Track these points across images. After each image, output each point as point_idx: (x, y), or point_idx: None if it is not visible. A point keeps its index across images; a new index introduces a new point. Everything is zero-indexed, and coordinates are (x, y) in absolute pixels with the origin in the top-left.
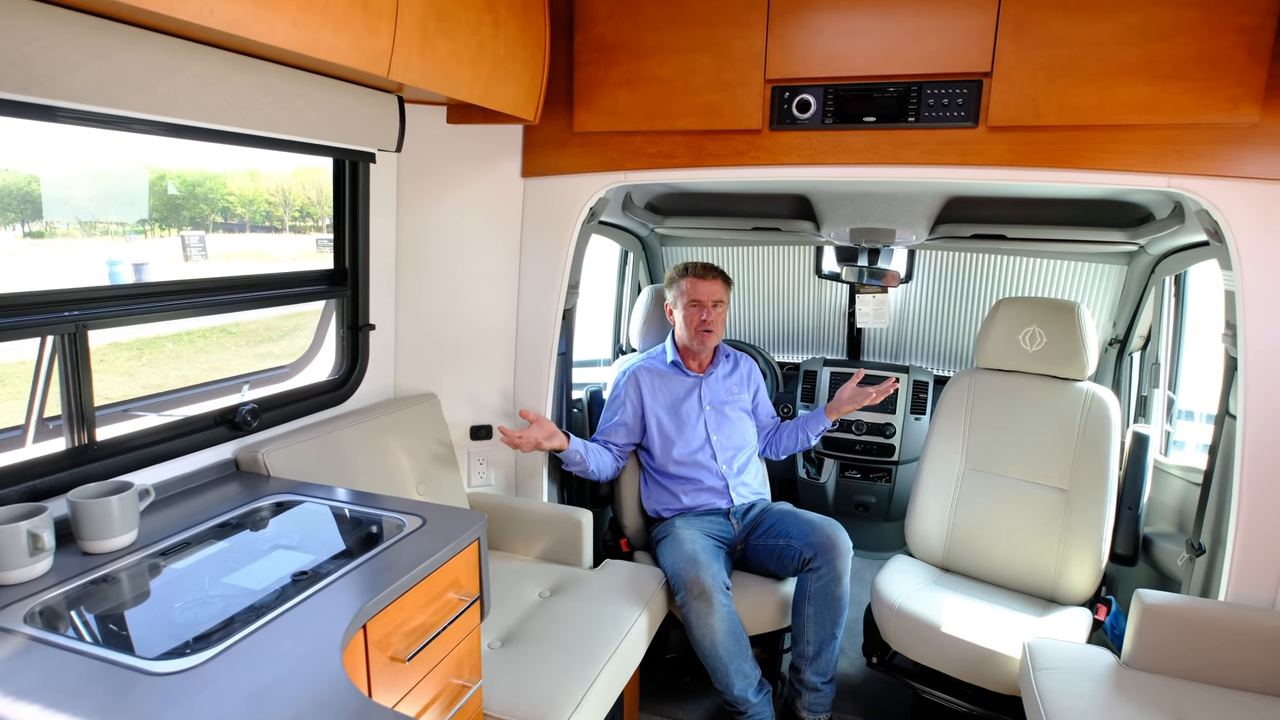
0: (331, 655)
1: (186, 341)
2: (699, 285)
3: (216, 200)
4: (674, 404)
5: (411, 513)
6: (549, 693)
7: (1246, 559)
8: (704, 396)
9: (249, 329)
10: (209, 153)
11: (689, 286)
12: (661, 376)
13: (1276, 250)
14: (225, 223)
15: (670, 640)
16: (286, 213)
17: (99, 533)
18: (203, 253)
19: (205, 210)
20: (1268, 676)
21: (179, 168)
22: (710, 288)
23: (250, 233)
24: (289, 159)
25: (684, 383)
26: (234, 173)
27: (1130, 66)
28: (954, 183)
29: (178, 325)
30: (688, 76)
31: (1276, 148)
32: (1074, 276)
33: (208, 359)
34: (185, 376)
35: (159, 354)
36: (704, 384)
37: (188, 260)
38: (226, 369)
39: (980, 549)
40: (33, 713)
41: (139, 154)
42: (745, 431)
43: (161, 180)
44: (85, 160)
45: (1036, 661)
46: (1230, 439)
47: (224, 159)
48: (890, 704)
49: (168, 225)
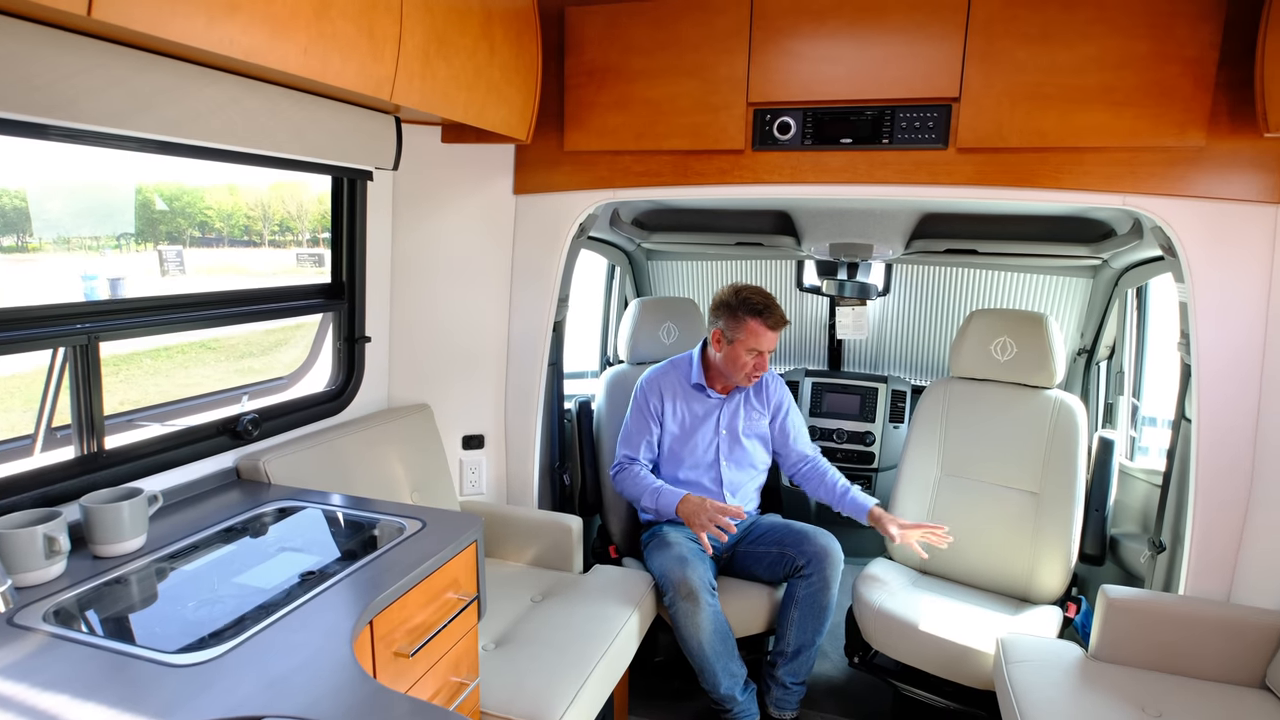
0: (343, 647)
1: (165, 357)
2: (766, 336)
3: (194, 214)
4: (690, 424)
5: (411, 516)
6: (543, 691)
7: (1203, 555)
8: (722, 420)
9: (229, 344)
10: (186, 167)
11: (757, 333)
12: (684, 393)
13: (1223, 264)
14: (203, 237)
15: (659, 644)
16: (266, 227)
17: (110, 537)
18: (180, 267)
19: (183, 225)
20: (1223, 665)
21: (155, 181)
22: (774, 339)
23: (229, 247)
24: (268, 173)
25: (705, 404)
26: (212, 187)
27: (1088, 93)
28: (927, 200)
29: (156, 341)
30: (674, 99)
31: (1221, 169)
32: (1044, 290)
33: (187, 375)
34: (165, 392)
35: (136, 370)
36: (724, 407)
37: (165, 275)
38: (206, 385)
39: (956, 552)
40: (61, 702)
41: (114, 167)
42: (756, 458)
43: (140, 194)
44: (59, 174)
45: (1009, 656)
46: (1186, 442)
47: (202, 173)
48: (871, 703)
49: (144, 239)
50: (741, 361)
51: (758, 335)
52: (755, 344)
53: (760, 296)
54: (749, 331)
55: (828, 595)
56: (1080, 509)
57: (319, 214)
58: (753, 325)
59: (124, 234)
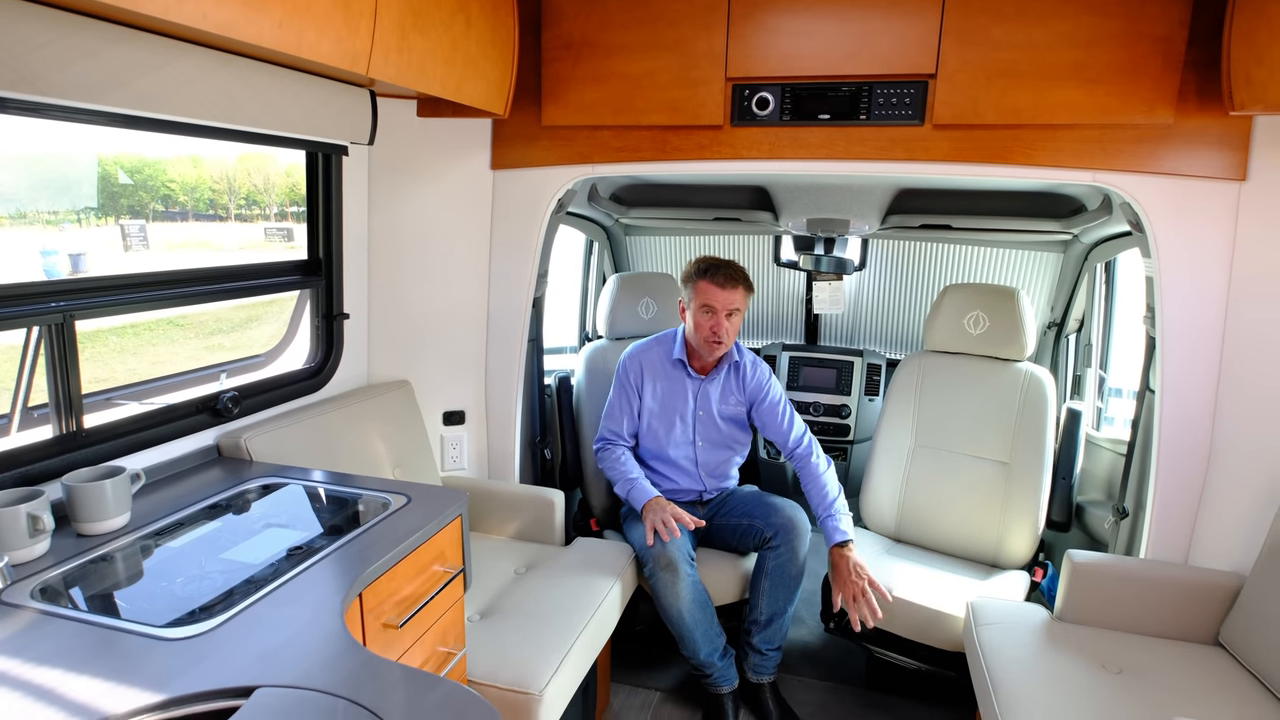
0: (333, 620)
1: (131, 334)
2: (716, 293)
3: (156, 188)
4: (668, 403)
5: (396, 492)
6: (528, 660)
7: (1163, 520)
8: (699, 401)
9: (198, 321)
10: (147, 138)
11: (705, 291)
12: (664, 371)
13: (1188, 239)
14: (166, 211)
15: (639, 613)
16: (232, 201)
17: (94, 515)
18: (144, 242)
19: (145, 198)
20: (1180, 623)
21: (115, 153)
22: (728, 297)
23: (193, 221)
24: (233, 145)
25: (683, 383)
26: (174, 159)
27: (1061, 70)
28: (903, 176)
29: (122, 318)
30: (653, 74)
31: (1188, 147)
32: (1016, 265)
33: (156, 352)
34: (135, 371)
35: (102, 348)
36: (703, 387)
37: (128, 250)
38: (176, 363)
39: (929, 520)
40: (55, 676)
41: (72, 137)
42: (732, 439)
43: (100, 166)
44: (12, 144)
45: (978, 618)
46: (1150, 412)
47: (164, 144)
48: (846, 667)
49: (105, 214)
50: (698, 324)
51: (706, 293)
52: (705, 300)
53: (714, 260)
54: (698, 291)
55: (795, 565)
56: (1048, 478)
57: (287, 187)
58: (701, 284)
59: (85, 208)
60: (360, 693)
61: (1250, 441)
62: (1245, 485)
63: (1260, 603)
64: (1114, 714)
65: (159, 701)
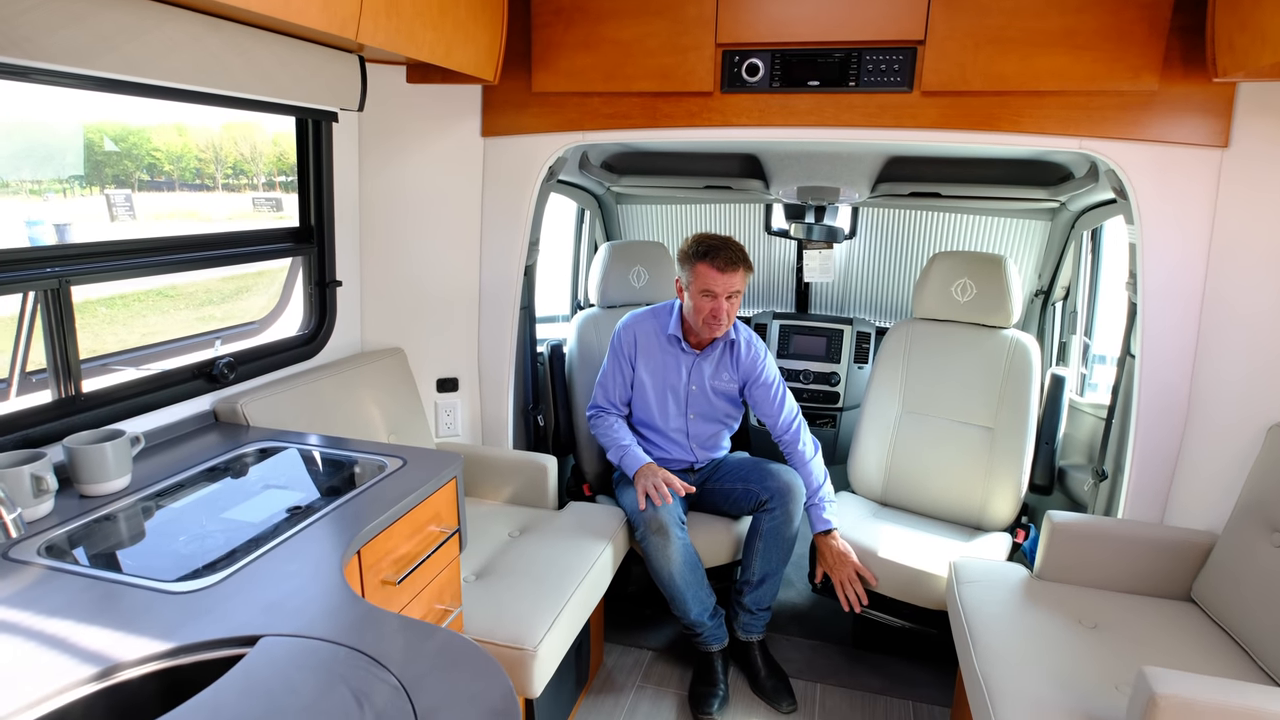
0: (334, 574)
1: (121, 305)
2: (716, 278)
3: (141, 156)
4: (662, 376)
5: (392, 455)
6: (523, 617)
7: (1140, 481)
8: (693, 375)
9: (188, 291)
10: (131, 105)
11: (705, 275)
12: (658, 344)
13: (1170, 205)
14: (152, 180)
15: (632, 576)
16: (219, 170)
17: (96, 476)
18: (130, 212)
19: (130, 167)
20: (1155, 580)
21: (98, 120)
22: (728, 281)
23: (180, 191)
24: (219, 113)
25: (678, 357)
26: (158, 127)
27: (1048, 36)
28: (892, 144)
29: (111, 289)
30: (643, 40)
31: (1172, 113)
32: (1005, 233)
33: (146, 323)
34: (125, 341)
35: (91, 318)
36: (697, 363)
37: (114, 221)
38: (168, 334)
39: (915, 484)
40: (65, 627)
41: (54, 104)
42: (724, 414)
43: (86, 135)
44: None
45: (960, 577)
46: (1130, 377)
47: (148, 112)
48: (833, 626)
49: (89, 183)
50: (698, 306)
51: (706, 277)
52: (705, 285)
53: (713, 240)
54: (698, 274)
55: (790, 528)
56: (1031, 442)
57: (274, 156)
58: (700, 268)
59: (71, 177)
60: (361, 640)
61: (1225, 405)
62: (1220, 447)
63: (1231, 560)
64: (1088, 666)
65: (167, 649)
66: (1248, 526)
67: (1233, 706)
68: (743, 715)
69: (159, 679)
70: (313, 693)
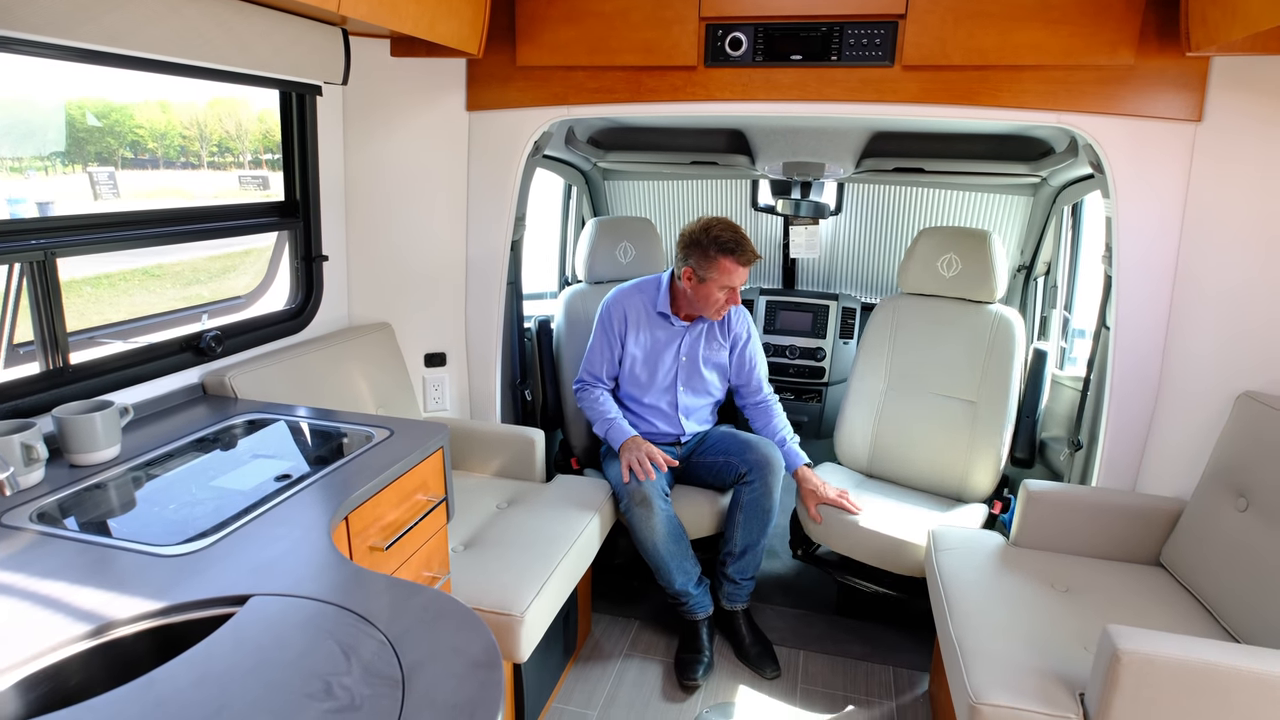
0: (322, 538)
1: (106, 285)
2: (740, 273)
3: (124, 134)
4: (652, 350)
5: (379, 426)
6: (510, 585)
7: (1114, 450)
8: (683, 348)
9: (174, 271)
10: (113, 82)
11: (730, 271)
12: (648, 319)
13: (1145, 179)
14: (136, 158)
15: (618, 548)
16: (204, 147)
17: (86, 446)
18: (114, 190)
19: (113, 144)
20: (1126, 546)
21: (79, 96)
22: (746, 274)
23: (164, 169)
24: (203, 90)
25: (668, 331)
26: (142, 104)
27: (1027, 11)
28: (875, 118)
29: (96, 268)
30: (626, 13)
31: (1147, 88)
32: (988, 208)
33: (132, 302)
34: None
35: (76, 298)
36: (687, 335)
37: (98, 199)
38: (152, 311)
39: (899, 457)
40: (59, 588)
41: (33, 79)
42: (713, 385)
43: (67, 111)
44: None
45: (938, 545)
46: (1105, 348)
47: (130, 88)
48: (817, 595)
49: (71, 161)
50: (714, 298)
51: (731, 273)
52: (729, 281)
53: (731, 233)
54: (722, 270)
55: (770, 500)
56: (1012, 416)
57: (260, 133)
58: (726, 264)
59: (53, 154)
60: (348, 599)
61: (1196, 376)
62: (1190, 417)
63: (1198, 525)
64: (1059, 628)
65: (159, 608)
66: (1214, 493)
67: (1191, 661)
68: (727, 681)
69: (152, 636)
70: (301, 647)
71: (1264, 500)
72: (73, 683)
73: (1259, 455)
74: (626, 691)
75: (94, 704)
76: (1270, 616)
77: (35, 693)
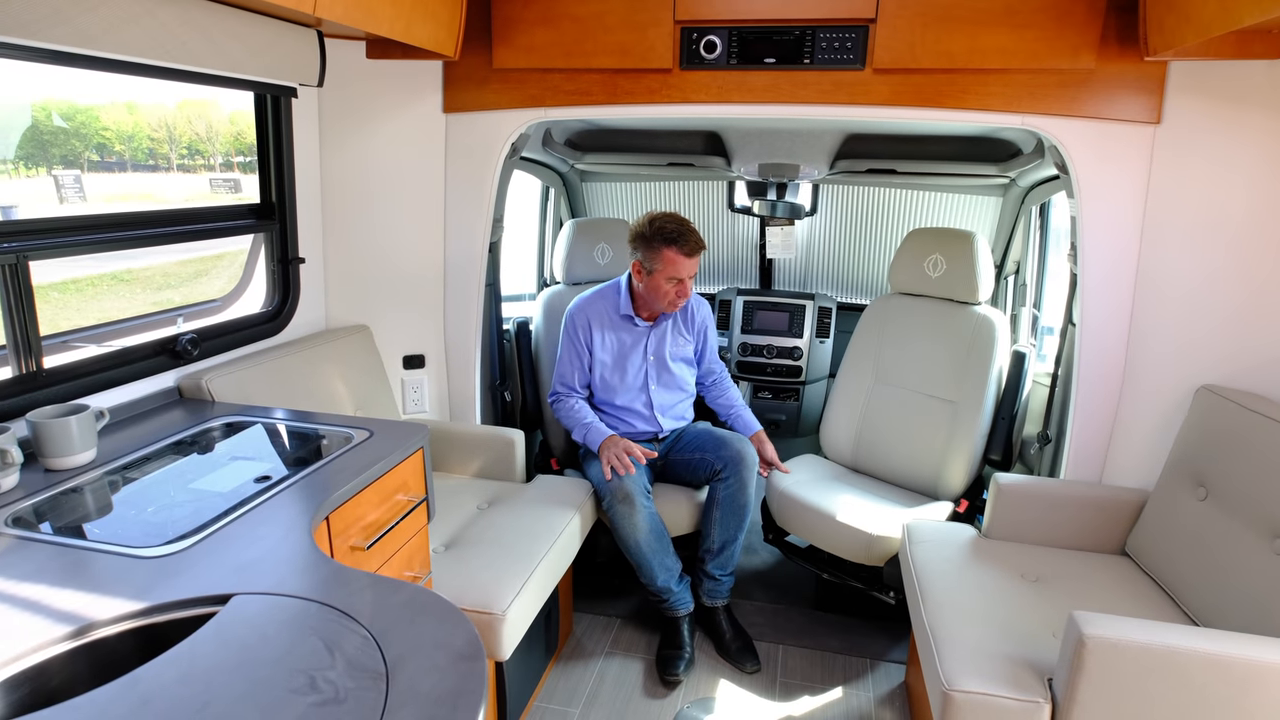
0: (304, 537)
1: (74, 290)
2: (684, 264)
3: (90, 136)
4: (620, 353)
5: (359, 427)
6: (492, 584)
7: (1080, 444)
8: (649, 347)
9: (145, 275)
10: (79, 83)
11: (674, 261)
12: (612, 322)
13: (1107, 180)
14: (102, 161)
15: (600, 547)
16: (173, 150)
17: (61, 450)
18: (80, 194)
19: (78, 147)
20: (1092, 536)
21: (43, 98)
22: (693, 265)
23: (132, 172)
24: (172, 92)
25: (633, 332)
26: (108, 105)
27: (993, 15)
28: (848, 120)
29: (63, 273)
30: (601, 16)
31: (1108, 91)
32: (961, 209)
33: (102, 308)
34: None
35: (43, 304)
36: (652, 334)
37: (64, 203)
38: (124, 316)
39: (881, 452)
40: (39, 591)
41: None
42: (684, 380)
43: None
44: None
45: (912, 538)
46: (1071, 345)
47: (96, 89)
48: (796, 590)
49: (34, 164)
50: (663, 290)
51: (675, 263)
52: (674, 272)
53: (675, 224)
54: (666, 261)
55: (744, 495)
56: (989, 416)
57: (231, 135)
58: (669, 254)
59: (17, 156)
60: (331, 596)
61: (1157, 370)
62: (1153, 410)
63: (1160, 515)
64: (1028, 616)
65: (141, 609)
66: (1176, 483)
67: (1153, 644)
68: (708, 677)
69: (135, 636)
70: (285, 643)
71: (1222, 490)
72: (55, 683)
73: (1217, 447)
74: (608, 689)
75: (78, 702)
76: (1227, 600)
77: (17, 694)
